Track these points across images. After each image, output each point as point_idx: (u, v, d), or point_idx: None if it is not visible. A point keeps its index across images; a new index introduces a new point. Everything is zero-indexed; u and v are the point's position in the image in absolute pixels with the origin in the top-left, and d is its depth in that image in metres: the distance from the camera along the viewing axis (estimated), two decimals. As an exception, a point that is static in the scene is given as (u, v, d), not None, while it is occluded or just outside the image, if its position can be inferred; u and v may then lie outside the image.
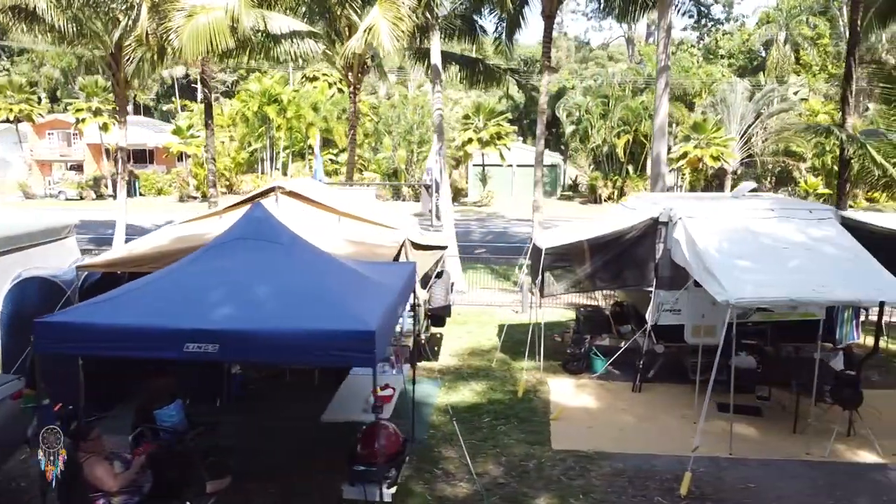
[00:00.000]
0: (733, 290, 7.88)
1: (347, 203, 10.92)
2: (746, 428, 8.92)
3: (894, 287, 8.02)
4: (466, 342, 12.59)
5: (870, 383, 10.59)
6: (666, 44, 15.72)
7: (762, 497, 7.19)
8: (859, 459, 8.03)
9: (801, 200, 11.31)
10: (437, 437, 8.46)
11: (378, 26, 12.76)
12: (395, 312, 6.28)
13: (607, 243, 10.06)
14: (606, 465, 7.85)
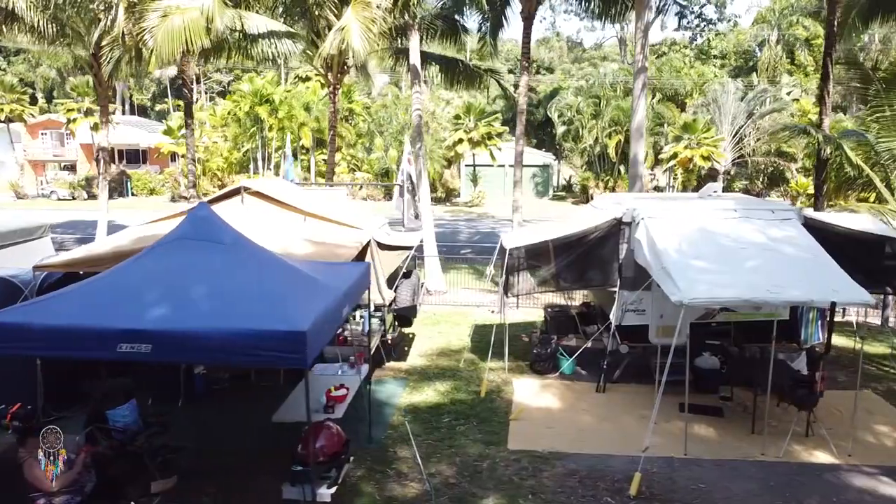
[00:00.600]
0: (687, 290, 7.89)
1: (316, 203, 10.93)
2: (705, 428, 8.93)
3: (849, 288, 8.04)
4: (437, 342, 12.59)
5: (836, 384, 10.63)
6: (643, 44, 15.71)
7: (711, 497, 7.19)
8: (814, 460, 8.03)
9: (764, 200, 11.30)
10: (394, 438, 8.46)
11: (349, 27, 12.76)
12: (338, 313, 6.28)
13: (571, 243, 10.07)
14: (560, 465, 7.85)
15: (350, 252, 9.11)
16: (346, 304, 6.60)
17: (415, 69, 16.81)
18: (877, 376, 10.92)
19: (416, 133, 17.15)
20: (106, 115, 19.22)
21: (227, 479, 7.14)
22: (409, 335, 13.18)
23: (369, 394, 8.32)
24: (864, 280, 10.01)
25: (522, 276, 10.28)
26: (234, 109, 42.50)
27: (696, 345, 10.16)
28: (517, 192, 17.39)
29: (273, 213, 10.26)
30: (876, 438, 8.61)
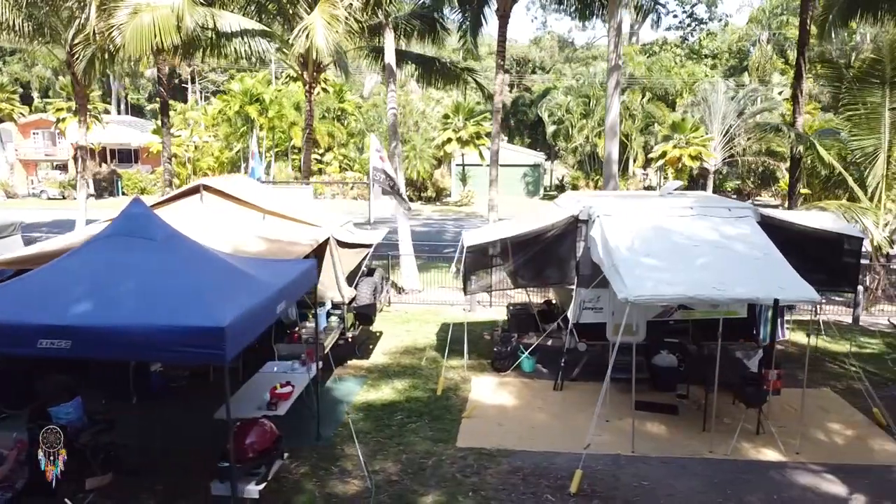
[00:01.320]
0: (633, 287, 7.89)
1: (277, 201, 10.93)
2: (658, 426, 8.92)
3: (795, 285, 8.03)
4: (404, 341, 12.59)
5: (796, 382, 10.61)
6: (616, 43, 15.71)
7: (653, 495, 7.18)
8: (762, 457, 8.02)
9: (723, 198, 11.28)
10: (344, 435, 8.44)
11: (314, 25, 12.76)
12: (270, 309, 6.26)
13: (528, 241, 10.06)
14: (506, 462, 7.84)
15: (303, 249, 9.09)
16: (281, 301, 6.57)
17: (389, 68, 16.82)
18: (837, 374, 10.90)
19: (391, 132, 17.15)
20: (84, 114, 19.21)
21: (164, 477, 7.13)
22: (377, 333, 13.19)
23: (318, 391, 8.29)
24: (824, 278, 10.08)
25: (481, 274, 10.27)
26: (225, 109, 42.49)
27: (655, 343, 10.17)
28: (493, 191, 17.37)
29: (232, 211, 10.25)
30: (827, 436, 8.60)
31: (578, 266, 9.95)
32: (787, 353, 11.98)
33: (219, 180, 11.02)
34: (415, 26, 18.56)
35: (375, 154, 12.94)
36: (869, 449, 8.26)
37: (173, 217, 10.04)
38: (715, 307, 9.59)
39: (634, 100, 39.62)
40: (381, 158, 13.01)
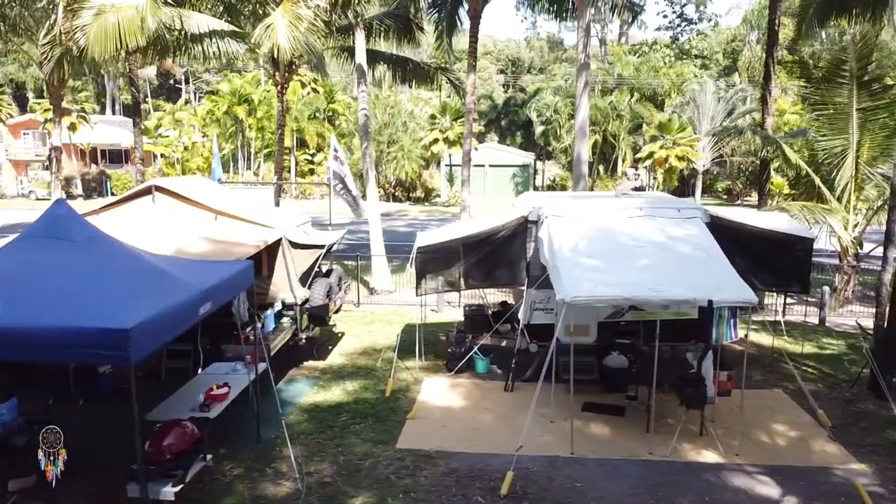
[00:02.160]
0: (570, 288, 7.87)
1: (231, 202, 10.92)
2: (602, 427, 8.90)
3: (734, 286, 8.01)
4: (364, 342, 12.57)
5: (750, 382, 10.59)
6: (585, 42, 15.68)
7: (583, 497, 7.16)
8: (701, 459, 7.99)
9: (676, 199, 11.25)
10: (285, 437, 8.42)
11: (275, 24, 12.74)
12: (191, 311, 6.22)
13: (479, 242, 10.06)
14: (443, 464, 7.82)
15: (248, 250, 9.07)
16: (206, 302, 6.54)
17: (360, 68, 16.80)
18: (792, 376, 10.84)
19: (362, 132, 17.13)
20: (59, 114, 19.21)
21: (89, 479, 7.11)
22: (339, 334, 13.19)
23: (257, 392, 8.27)
24: (773, 278, 10.08)
25: (433, 275, 10.25)
26: (213, 109, 42.51)
27: (606, 344, 10.16)
28: (465, 191, 17.37)
29: (184, 211, 10.24)
30: (769, 438, 8.57)
31: (529, 267, 9.93)
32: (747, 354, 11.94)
33: (171, 181, 11.00)
34: (389, 26, 18.52)
35: (332, 154, 12.91)
36: (809, 450, 8.23)
37: (123, 218, 10.13)
38: (666, 308, 9.58)
39: (622, 100, 39.59)
40: (336, 159, 12.97)
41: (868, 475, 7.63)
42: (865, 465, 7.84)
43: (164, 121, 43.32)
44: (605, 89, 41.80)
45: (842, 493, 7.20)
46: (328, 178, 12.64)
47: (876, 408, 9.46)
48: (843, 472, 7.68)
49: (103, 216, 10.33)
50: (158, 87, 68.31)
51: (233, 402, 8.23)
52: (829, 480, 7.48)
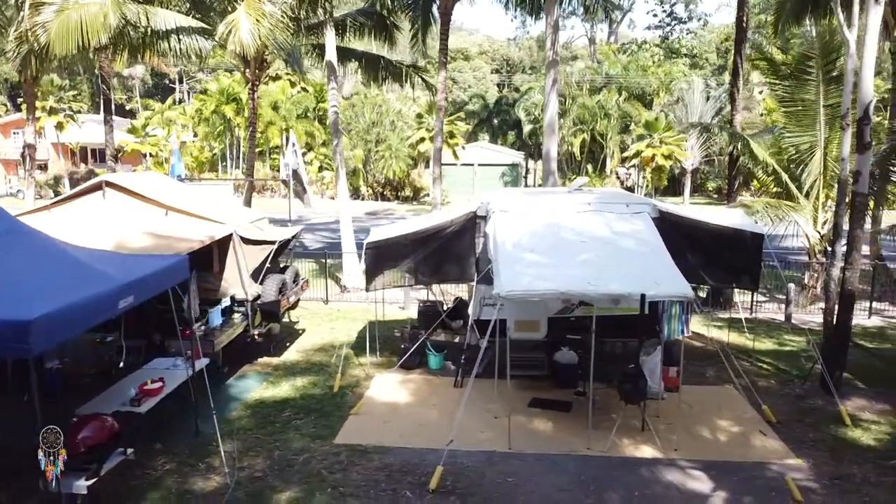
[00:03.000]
0: (506, 282, 7.84)
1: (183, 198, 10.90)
2: (546, 423, 8.86)
3: (671, 281, 7.95)
4: (324, 338, 12.54)
5: (703, 379, 10.58)
6: (553, 39, 15.64)
7: (513, 492, 7.12)
8: (638, 454, 7.95)
9: (628, 195, 11.21)
10: (223, 432, 8.36)
11: (238, 21, 12.71)
12: (109, 304, 6.19)
13: (428, 237, 10.01)
14: (378, 459, 7.78)
15: (191, 245, 9.05)
16: (129, 296, 6.50)
17: (330, 65, 16.76)
18: (745, 371, 10.79)
19: (333, 129, 17.09)
20: (32, 111, 19.18)
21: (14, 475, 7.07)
22: (300, 331, 13.16)
23: (193, 387, 8.22)
24: (723, 273, 10.05)
25: (382, 271, 10.21)
26: (202, 108, 42.50)
27: (557, 339, 10.13)
28: (436, 188, 17.35)
29: (134, 207, 10.21)
30: (711, 433, 8.53)
31: (478, 262, 9.90)
32: (706, 350, 11.94)
33: (123, 177, 10.98)
34: (363, 24, 18.50)
35: (290, 150, 12.88)
36: (749, 446, 8.19)
37: (72, 214, 10.10)
38: (617, 303, 9.55)
39: (610, 99, 39.54)
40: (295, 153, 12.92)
41: (804, 470, 7.60)
42: (803, 460, 7.80)
43: (152, 120, 43.28)
44: (594, 88, 41.72)
45: (773, 488, 7.16)
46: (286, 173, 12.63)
47: (824, 403, 9.42)
48: (780, 467, 7.64)
49: (53, 212, 10.32)
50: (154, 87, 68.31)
51: (176, 396, 8.22)
52: (764, 475, 7.44)
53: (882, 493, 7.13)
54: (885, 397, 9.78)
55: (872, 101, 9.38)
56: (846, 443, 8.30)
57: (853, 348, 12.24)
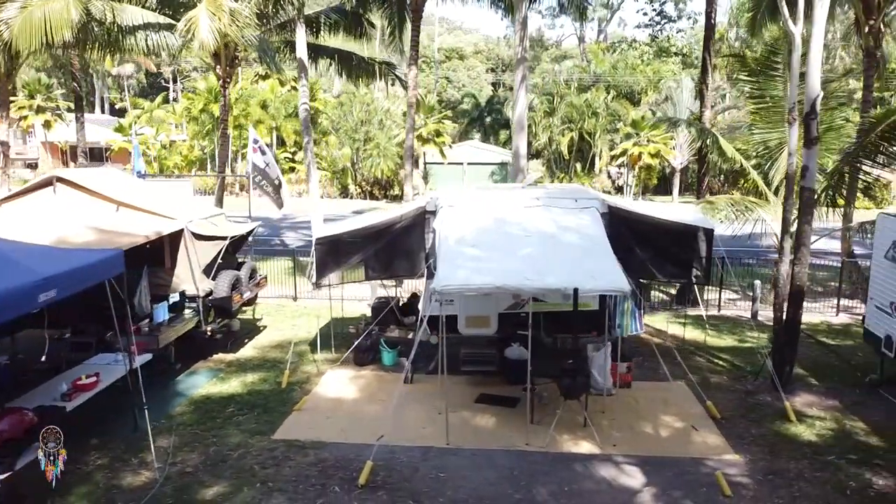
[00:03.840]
0: (443, 277, 7.81)
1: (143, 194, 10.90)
2: (489, 418, 8.82)
3: (608, 276, 7.92)
4: (284, 335, 12.48)
5: (656, 375, 10.54)
6: (522, 36, 15.61)
7: (441, 487, 7.08)
8: (576, 450, 7.92)
9: (581, 189, 11.15)
10: (162, 427, 8.36)
11: (198, 17, 12.66)
12: (28, 296, 6.16)
13: (378, 233, 9.98)
14: (314, 454, 7.75)
15: (133, 240, 9.02)
16: (49, 289, 6.46)
17: (301, 63, 16.73)
18: (700, 367, 10.79)
19: (304, 127, 17.06)
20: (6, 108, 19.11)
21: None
22: (261, 327, 13.13)
23: (132, 382, 8.17)
24: (673, 268, 10.02)
25: (332, 267, 10.18)
26: (188, 106, 42.44)
27: (508, 335, 10.09)
28: (407, 185, 17.31)
29: (84, 202, 10.19)
30: (654, 429, 8.49)
31: (428, 257, 9.86)
32: (664, 346, 11.90)
33: (75, 172, 10.97)
34: (338, 21, 18.46)
35: (251, 146, 12.83)
36: (690, 442, 8.16)
37: (20, 210, 10.08)
38: (567, 299, 9.53)
39: (598, 97, 39.46)
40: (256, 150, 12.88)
41: (740, 465, 7.57)
42: (740, 456, 7.77)
43: (141, 119, 43.19)
44: (582, 87, 41.65)
45: (705, 483, 7.13)
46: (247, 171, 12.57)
47: (772, 399, 9.39)
48: (715, 462, 7.61)
49: (3, 208, 10.31)
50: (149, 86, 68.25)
51: (118, 391, 8.20)
52: (698, 471, 7.41)
53: (814, 488, 7.10)
54: (835, 393, 9.75)
55: (819, 95, 9.35)
56: (787, 438, 8.26)
57: (814, 345, 12.29)
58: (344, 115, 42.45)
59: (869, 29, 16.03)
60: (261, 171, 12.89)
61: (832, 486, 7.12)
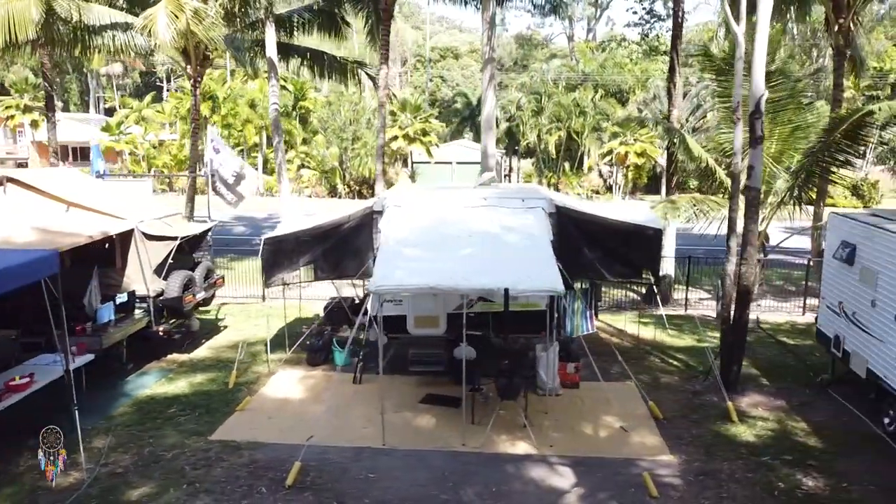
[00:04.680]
0: (379, 277, 7.80)
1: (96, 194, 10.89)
2: (430, 419, 8.81)
3: (542, 276, 7.89)
4: (243, 335, 12.45)
5: (608, 375, 10.50)
6: (489, 35, 15.58)
7: (368, 487, 7.07)
8: (511, 450, 7.90)
9: (533, 189, 11.12)
10: (101, 428, 8.36)
11: (155, 16, 12.63)
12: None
13: (326, 233, 9.98)
14: (247, 455, 7.74)
15: (77, 240, 9.03)
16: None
17: (271, 62, 16.70)
18: (653, 367, 10.78)
19: (274, 127, 17.04)
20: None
21: None
22: (223, 327, 13.12)
23: (71, 382, 8.12)
24: (622, 268, 10.00)
25: (281, 267, 10.16)
26: (178, 106, 42.42)
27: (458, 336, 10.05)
28: (379, 184, 17.24)
29: (34, 203, 10.17)
30: (593, 430, 8.47)
31: (375, 257, 9.83)
32: (621, 346, 11.90)
33: (26, 172, 11.00)
34: (312, 20, 18.42)
35: (209, 146, 12.81)
36: (627, 443, 8.13)
37: (-33, 209, 10.03)
38: (515, 299, 9.50)
39: (586, 96, 39.40)
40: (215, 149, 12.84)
41: (673, 466, 7.56)
42: (675, 456, 7.76)
43: (130, 118, 43.16)
44: (570, 86, 41.59)
45: (634, 484, 7.11)
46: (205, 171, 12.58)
47: (718, 400, 9.34)
48: (649, 463, 7.59)
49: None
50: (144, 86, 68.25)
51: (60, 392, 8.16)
52: (629, 471, 7.39)
53: (743, 488, 7.09)
54: (784, 394, 9.73)
55: (764, 95, 9.34)
56: (726, 439, 8.25)
57: (774, 345, 12.26)
58: (332, 114, 42.41)
59: (839, 28, 16.01)
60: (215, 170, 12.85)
61: (761, 486, 7.11)
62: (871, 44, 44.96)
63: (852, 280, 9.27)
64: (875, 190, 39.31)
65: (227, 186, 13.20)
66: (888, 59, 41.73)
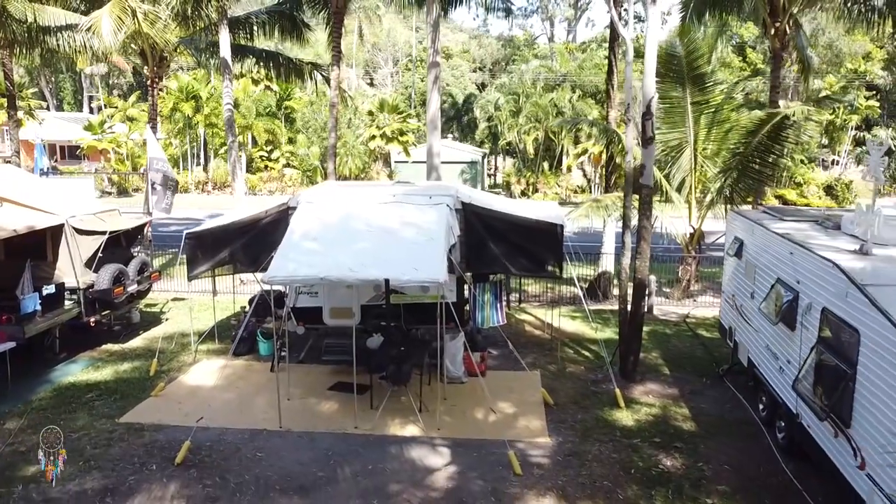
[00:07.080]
0: (273, 269, 8.25)
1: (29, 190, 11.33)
2: (332, 404, 9.26)
3: (429, 270, 8.25)
4: (181, 326, 12.84)
5: (517, 365, 10.94)
6: (434, 38, 16.00)
7: (255, 465, 7.52)
8: (401, 433, 8.35)
9: (446, 187, 11.50)
10: (15, 413, 8.82)
11: (100, 19, 13.07)
12: None
13: (244, 228, 10.42)
14: (149, 436, 8.20)
15: (3, 233, 9.49)
16: None
17: (225, 63, 17.13)
18: (565, 358, 11.21)
19: (227, 126, 17.49)
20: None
21: None
22: (164, 319, 13.59)
23: None
24: (527, 263, 10.43)
25: (202, 260, 10.61)
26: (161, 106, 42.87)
27: (371, 326, 10.52)
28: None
29: (-34, 198, 10.65)
30: (484, 415, 8.91)
31: (278, 251, 10.27)
32: (542, 338, 12.37)
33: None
34: (270, 22, 18.87)
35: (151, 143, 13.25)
36: (512, 427, 8.56)
37: None
38: (426, 291, 9.97)
39: (563, 97, 39.84)
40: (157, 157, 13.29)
41: (546, 447, 8.01)
42: (551, 439, 8.22)
43: (115, 117, 43.68)
44: (548, 86, 42.01)
45: (503, 464, 7.55)
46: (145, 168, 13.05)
47: (615, 388, 9.77)
48: (525, 444, 8.04)
49: None
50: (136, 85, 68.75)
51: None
52: (502, 452, 7.79)
53: (603, 468, 7.53)
54: (680, 382, 10.19)
55: (654, 97, 9.77)
56: (605, 423, 8.70)
57: (690, 337, 12.71)
58: (313, 114, 42.86)
59: (775, 31, 16.45)
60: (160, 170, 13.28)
61: (620, 465, 7.56)
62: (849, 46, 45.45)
63: (740, 273, 9.74)
64: (849, 190, 39.72)
65: (168, 189, 13.68)
66: (861, 61, 42.10)
